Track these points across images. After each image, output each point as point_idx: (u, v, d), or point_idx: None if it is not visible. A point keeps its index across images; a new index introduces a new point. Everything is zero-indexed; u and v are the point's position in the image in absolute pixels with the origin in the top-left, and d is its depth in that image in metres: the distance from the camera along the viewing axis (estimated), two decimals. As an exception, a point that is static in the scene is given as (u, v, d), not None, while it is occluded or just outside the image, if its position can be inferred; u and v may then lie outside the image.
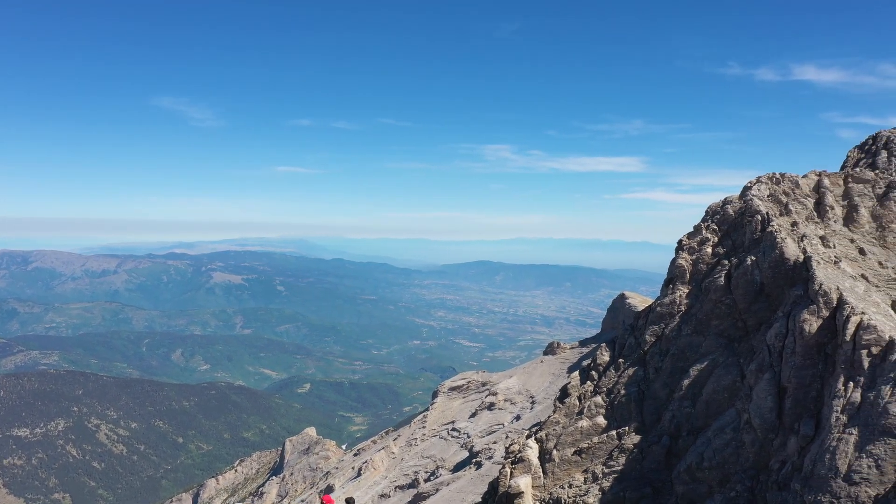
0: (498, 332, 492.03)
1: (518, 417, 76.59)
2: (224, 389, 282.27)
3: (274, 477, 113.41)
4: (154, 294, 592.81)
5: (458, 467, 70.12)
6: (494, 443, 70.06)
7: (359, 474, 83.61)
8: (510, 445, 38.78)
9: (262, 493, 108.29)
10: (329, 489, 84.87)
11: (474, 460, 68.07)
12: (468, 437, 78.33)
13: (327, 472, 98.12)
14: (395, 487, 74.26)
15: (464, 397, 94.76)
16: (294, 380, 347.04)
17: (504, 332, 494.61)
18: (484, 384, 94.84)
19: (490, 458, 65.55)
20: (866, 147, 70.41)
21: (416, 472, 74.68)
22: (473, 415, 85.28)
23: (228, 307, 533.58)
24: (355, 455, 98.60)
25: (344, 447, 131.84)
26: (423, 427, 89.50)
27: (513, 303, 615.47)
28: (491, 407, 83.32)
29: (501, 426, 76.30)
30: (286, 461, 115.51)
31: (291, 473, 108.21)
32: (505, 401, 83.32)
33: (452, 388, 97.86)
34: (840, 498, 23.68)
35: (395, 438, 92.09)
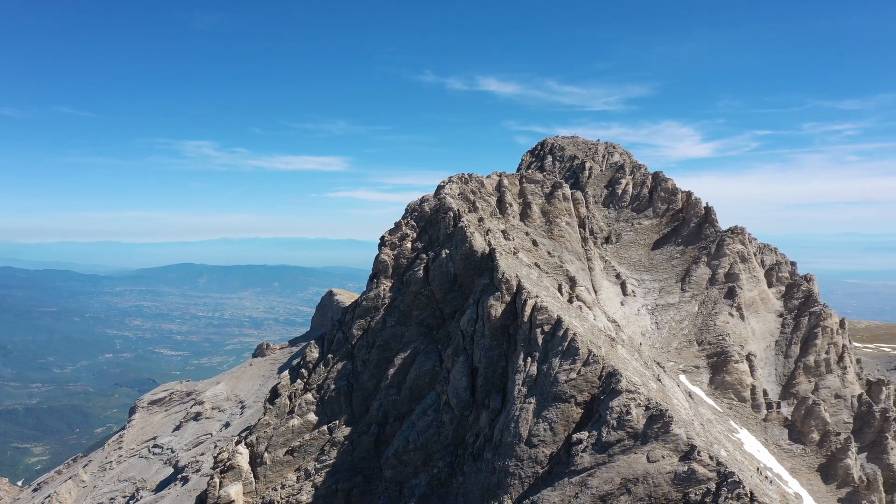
0: (203, 338, 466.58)
1: (227, 424, 73.67)
2: None
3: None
4: None
5: (162, 486, 65.25)
6: (202, 454, 66.54)
7: (40, 511, 73.29)
8: (219, 454, 37.20)
9: None
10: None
11: (180, 476, 63.93)
12: (173, 451, 73.27)
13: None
14: (87, 519, 66.58)
15: (166, 410, 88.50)
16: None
17: (210, 337, 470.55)
18: (189, 394, 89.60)
19: (198, 471, 62.12)
20: (536, 152, 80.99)
21: (111, 498, 67.71)
22: (178, 427, 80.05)
23: None
24: (35, 490, 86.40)
25: (20, 483, 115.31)
26: (120, 448, 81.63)
27: (219, 306, 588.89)
28: (197, 417, 79.01)
29: (210, 436, 72.75)
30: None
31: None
32: (213, 409, 79.62)
33: (153, 402, 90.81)
34: (523, 460, 26.92)
35: (86, 465, 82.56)
